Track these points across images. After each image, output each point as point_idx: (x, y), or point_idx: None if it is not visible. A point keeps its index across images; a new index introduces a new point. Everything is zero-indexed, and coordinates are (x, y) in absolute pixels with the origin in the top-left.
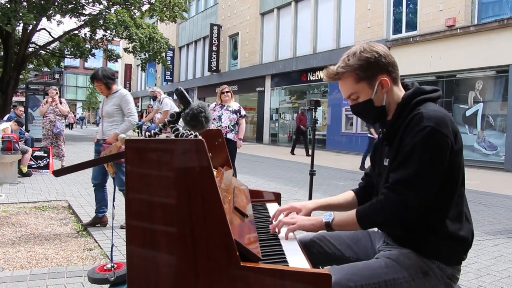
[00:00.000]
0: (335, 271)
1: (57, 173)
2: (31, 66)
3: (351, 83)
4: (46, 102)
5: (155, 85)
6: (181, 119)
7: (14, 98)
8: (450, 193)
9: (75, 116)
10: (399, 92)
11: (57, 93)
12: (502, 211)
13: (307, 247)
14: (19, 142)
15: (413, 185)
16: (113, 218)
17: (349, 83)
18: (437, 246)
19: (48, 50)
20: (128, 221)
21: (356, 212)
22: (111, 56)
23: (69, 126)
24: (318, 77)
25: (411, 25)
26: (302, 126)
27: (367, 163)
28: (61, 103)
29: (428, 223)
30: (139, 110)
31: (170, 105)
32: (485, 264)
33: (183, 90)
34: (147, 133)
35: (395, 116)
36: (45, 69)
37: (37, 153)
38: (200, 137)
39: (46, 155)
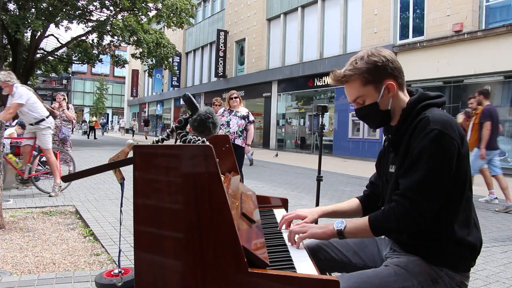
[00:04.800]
0: (344, 279)
1: (67, 178)
2: (39, 72)
3: (358, 86)
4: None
5: (162, 90)
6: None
7: None
8: (458, 198)
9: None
10: (405, 97)
11: (64, 98)
12: (510, 218)
13: (315, 253)
14: None
15: (424, 190)
16: (120, 224)
17: (355, 86)
18: (445, 253)
19: (56, 56)
20: (136, 226)
21: (369, 219)
22: (118, 62)
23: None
24: (325, 82)
25: (418, 31)
26: None
27: None
28: (68, 108)
29: (436, 229)
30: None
31: (26, 97)
32: (493, 271)
33: (191, 96)
34: (154, 138)
35: (400, 122)
36: (53, 74)
37: (44, 158)
38: (207, 143)
39: None
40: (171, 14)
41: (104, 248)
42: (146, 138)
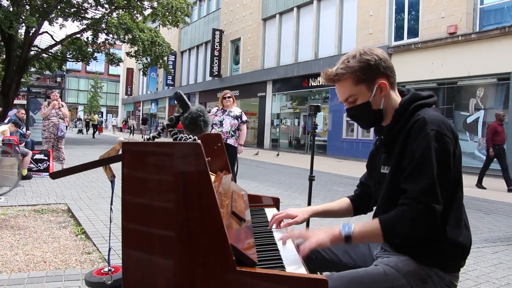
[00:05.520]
0: (334, 278)
1: (54, 175)
2: (33, 69)
3: (350, 85)
4: (48, 104)
5: (157, 89)
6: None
7: (16, 101)
8: (451, 198)
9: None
10: (396, 97)
11: (59, 96)
12: (502, 218)
13: None
14: (19, 145)
15: (433, 192)
16: (110, 222)
17: (347, 85)
18: (436, 253)
19: (50, 54)
20: (124, 224)
21: (380, 223)
22: (113, 60)
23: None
24: (319, 82)
25: (413, 32)
26: (496, 146)
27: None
28: (62, 106)
29: None
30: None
31: None
32: (484, 271)
33: (182, 94)
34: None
35: (393, 122)
36: (47, 72)
37: (37, 156)
38: (198, 141)
39: (46, 158)
40: (167, 13)
41: (95, 247)
42: (142, 138)
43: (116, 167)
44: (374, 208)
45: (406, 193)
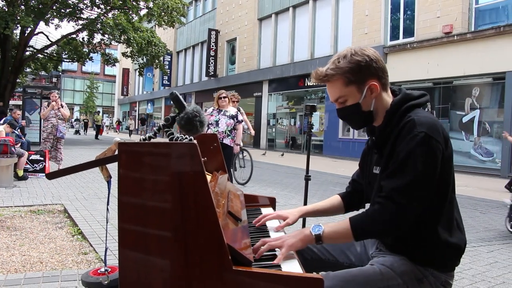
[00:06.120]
0: (329, 278)
1: (51, 175)
2: (28, 69)
3: (340, 86)
4: (48, 105)
5: (153, 89)
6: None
7: (11, 102)
8: (441, 200)
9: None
10: (388, 98)
11: (58, 97)
12: (497, 218)
13: (301, 252)
14: (15, 146)
15: (410, 193)
16: (107, 222)
17: (337, 86)
18: (430, 254)
19: (45, 54)
20: (121, 224)
21: (350, 222)
22: (108, 60)
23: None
24: (315, 82)
25: (409, 32)
26: None
27: None
28: (62, 106)
29: (419, 231)
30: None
31: None
32: (480, 270)
33: (178, 94)
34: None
35: (384, 123)
36: (43, 72)
37: (33, 157)
38: (194, 141)
39: (42, 158)
40: (162, 13)
41: (92, 247)
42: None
43: (113, 168)
44: (367, 205)
45: (381, 192)
